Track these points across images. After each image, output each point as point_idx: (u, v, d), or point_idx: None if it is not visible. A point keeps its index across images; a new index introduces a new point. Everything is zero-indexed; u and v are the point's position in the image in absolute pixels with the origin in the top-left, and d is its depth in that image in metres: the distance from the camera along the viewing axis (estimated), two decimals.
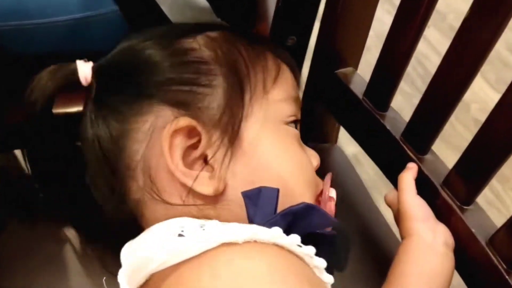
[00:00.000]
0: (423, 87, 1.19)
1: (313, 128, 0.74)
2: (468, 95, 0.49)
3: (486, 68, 1.57)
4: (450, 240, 0.52)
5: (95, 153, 0.45)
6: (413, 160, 0.57)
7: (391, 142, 0.59)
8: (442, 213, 0.54)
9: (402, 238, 0.53)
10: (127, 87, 0.45)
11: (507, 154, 0.48)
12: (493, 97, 1.50)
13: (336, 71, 0.65)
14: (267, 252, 0.36)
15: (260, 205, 0.39)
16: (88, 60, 0.48)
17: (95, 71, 0.47)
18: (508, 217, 0.48)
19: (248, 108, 0.46)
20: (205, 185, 0.42)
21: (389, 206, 0.57)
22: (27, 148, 0.73)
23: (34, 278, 0.58)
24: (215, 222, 0.38)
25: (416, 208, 0.53)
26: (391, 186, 0.59)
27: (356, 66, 0.66)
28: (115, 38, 0.50)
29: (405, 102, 0.55)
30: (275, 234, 0.36)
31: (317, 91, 0.69)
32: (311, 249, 0.38)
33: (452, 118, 0.49)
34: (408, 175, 0.55)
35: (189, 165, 0.42)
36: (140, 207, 0.45)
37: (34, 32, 0.71)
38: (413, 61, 0.53)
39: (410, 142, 0.58)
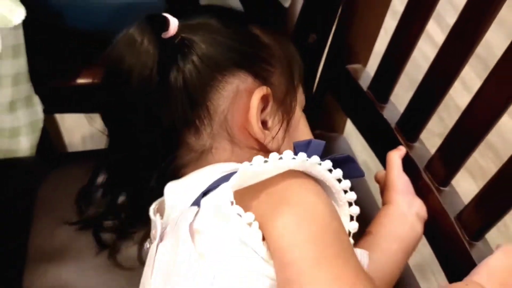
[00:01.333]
0: None
1: (322, 118, 0.83)
2: None
3: None
4: (423, 213, 0.60)
5: (176, 92, 0.49)
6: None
7: (387, 130, 0.68)
8: (423, 192, 0.62)
9: (383, 205, 0.61)
10: (221, 50, 0.50)
11: (478, 142, 0.56)
12: (506, 122, 1.57)
13: (347, 66, 0.75)
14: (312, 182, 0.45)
15: (308, 152, 0.46)
16: None
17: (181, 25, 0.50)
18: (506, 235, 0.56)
19: (296, 91, 0.56)
20: (271, 142, 0.51)
21: (378, 182, 0.66)
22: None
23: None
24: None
25: (399, 181, 0.61)
26: None
27: (365, 63, 0.75)
28: None
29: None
30: (326, 166, 0.45)
31: (328, 83, 0.79)
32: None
33: None
34: (396, 153, 0.64)
35: None
36: (204, 151, 0.51)
37: (86, 9, 0.80)
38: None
39: (402, 131, 0.67)
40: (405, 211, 0.59)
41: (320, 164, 0.45)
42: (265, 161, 0.42)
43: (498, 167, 0.53)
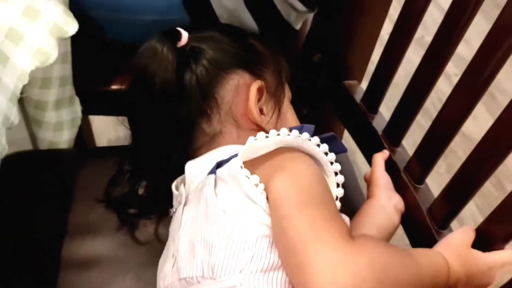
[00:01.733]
0: None
1: (322, 125, 0.94)
2: (479, 134, 0.64)
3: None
4: (400, 205, 0.71)
5: (191, 88, 0.62)
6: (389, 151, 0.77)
7: (376, 137, 0.80)
8: (402, 189, 0.74)
9: (367, 198, 0.73)
10: (223, 54, 0.65)
11: (444, 147, 0.68)
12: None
13: (344, 82, 0.87)
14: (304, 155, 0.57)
15: (301, 132, 0.57)
16: None
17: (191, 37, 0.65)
18: None
19: (284, 87, 0.70)
20: (267, 125, 0.65)
21: (365, 180, 0.77)
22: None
23: None
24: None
25: (381, 179, 0.73)
26: None
27: (360, 80, 0.87)
28: None
29: (420, 134, 0.71)
30: (315, 141, 0.58)
31: (329, 96, 0.91)
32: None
33: (460, 151, 0.64)
34: (380, 155, 0.75)
35: None
36: (218, 134, 0.64)
37: (123, 25, 0.92)
38: (434, 98, 0.70)
39: (387, 137, 0.78)
40: (384, 204, 0.71)
41: (310, 140, 0.57)
42: (266, 137, 0.54)
43: (497, 190, 0.62)
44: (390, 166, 0.75)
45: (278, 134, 0.55)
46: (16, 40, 0.62)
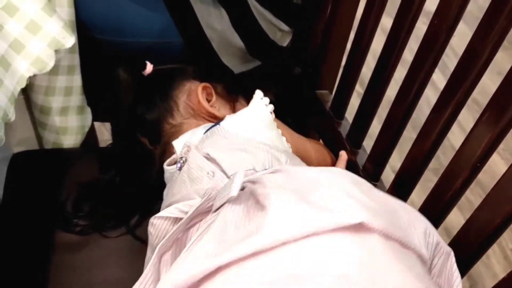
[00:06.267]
0: None
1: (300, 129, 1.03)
2: None
3: None
4: None
5: (160, 97, 0.84)
6: (351, 152, 0.85)
7: (341, 140, 0.88)
8: None
9: None
10: (178, 74, 0.87)
11: (395, 143, 0.76)
12: (497, 162, 1.71)
13: (316, 91, 0.96)
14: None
15: None
16: None
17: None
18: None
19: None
20: (218, 113, 0.81)
21: None
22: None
23: None
24: None
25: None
26: None
27: (331, 90, 0.96)
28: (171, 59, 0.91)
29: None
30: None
31: (303, 103, 1.00)
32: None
33: None
34: (342, 160, 0.84)
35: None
36: (180, 124, 0.81)
37: (123, 46, 1.03)
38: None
39: (350, 140, 0.86)
40: None
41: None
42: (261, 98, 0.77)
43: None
44: (352, 165, 0.84)
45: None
46: (18, 50, 0.73)
